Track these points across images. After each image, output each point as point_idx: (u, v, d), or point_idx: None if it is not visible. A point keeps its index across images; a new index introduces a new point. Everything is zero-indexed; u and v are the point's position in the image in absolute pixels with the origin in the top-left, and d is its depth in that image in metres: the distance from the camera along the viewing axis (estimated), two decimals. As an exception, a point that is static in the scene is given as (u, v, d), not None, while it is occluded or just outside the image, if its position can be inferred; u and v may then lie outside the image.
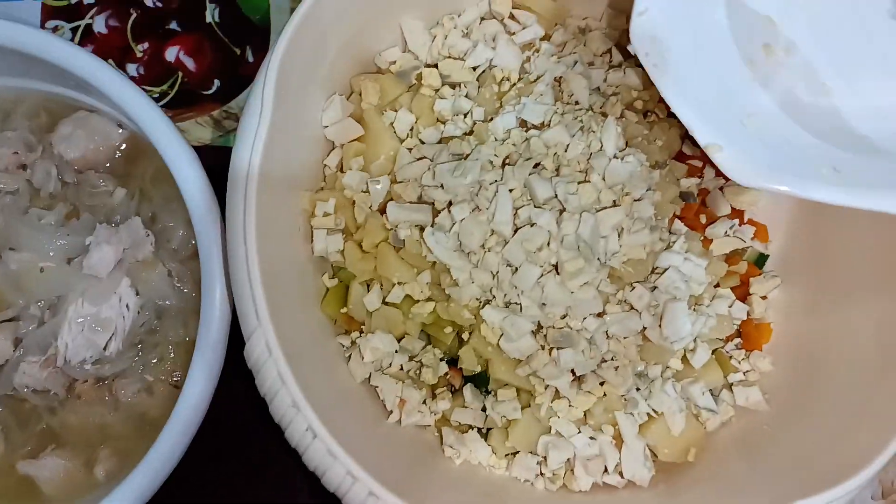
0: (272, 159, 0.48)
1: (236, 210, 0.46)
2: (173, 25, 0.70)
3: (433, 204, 0.54)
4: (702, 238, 0.60)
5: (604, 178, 0.52)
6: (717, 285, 0.60)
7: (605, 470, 0.55)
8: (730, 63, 0.46)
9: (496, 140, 0.54)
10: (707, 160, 0.64)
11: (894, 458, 0.61)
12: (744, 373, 0.60)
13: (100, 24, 0.70)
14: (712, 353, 0.58)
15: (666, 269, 0.55)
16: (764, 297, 0.62)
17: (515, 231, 0.51)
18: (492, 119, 0.55)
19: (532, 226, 0.51)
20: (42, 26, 0.69)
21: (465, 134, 0.56)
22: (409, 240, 0.54)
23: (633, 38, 0.44)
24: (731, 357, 0.61)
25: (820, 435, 0.52)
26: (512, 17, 0.61)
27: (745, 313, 0.60)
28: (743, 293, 0.62)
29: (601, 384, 0.55)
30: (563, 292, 0.51)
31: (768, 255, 0.64)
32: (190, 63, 0.70)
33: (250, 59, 0.70)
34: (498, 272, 0.52)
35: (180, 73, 0.69)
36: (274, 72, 0.47)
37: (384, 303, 0.56)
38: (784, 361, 0.60)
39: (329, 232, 0.56)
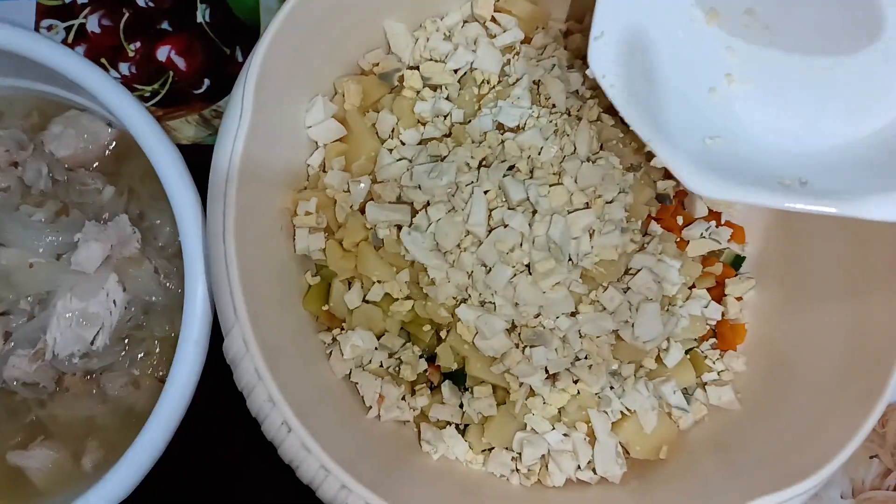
0: (252, 160, 0.49)
1: (216, 210, 0.48)
2: (165, 25, 0.71)
3: (412, 204, 0.55)
4: (678, 240, 0.62)
5: (576, 181, 0.53)
6: (693, 286, 0.61)
7: (579, 466, 0.56)
8: (689, 87, 0.47)
9: (473, 142, 0.56)
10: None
11: (865, 458, 0.63)
12: (718, 372, 0.61)
13: (93, 24, 0.71)
14: (687, 353, 0.60)
15: (639, 271, 0.56)
16: (739, 299, 0.63)
17: (490, 232, 0.53)
18: (470, 121, 0.56)
19: (505, 227, 0.52)
20: (37, 25, 0.71)
21: (444, 136, 0.57)
22: (387, 239, 0.55)
23: (590, 61, 0.45)
24: (705, 357, 0.62)
25: (788, 434, 0.53)
26: (493, 20, 0.62)
27: (720, 314, 0.62)
28: (718, 294, 0.63)
29: (575, 382, 0.56)
30: (535, 292, 0.52)
31: (745, 257, 0.65)
32: (181, 62, 0.71)
33: (240, 58, 0.71)
34: (472, 272, 0.53)
35: (171, 73, 0.71)
36: (254, 74, 0.49)
37: (364, 301, 0.57)
38: (757, 361, 0.61)
39: (311, 231, 0.57)
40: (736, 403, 0.59)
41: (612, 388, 0.57)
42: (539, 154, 0.54)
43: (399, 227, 0.55)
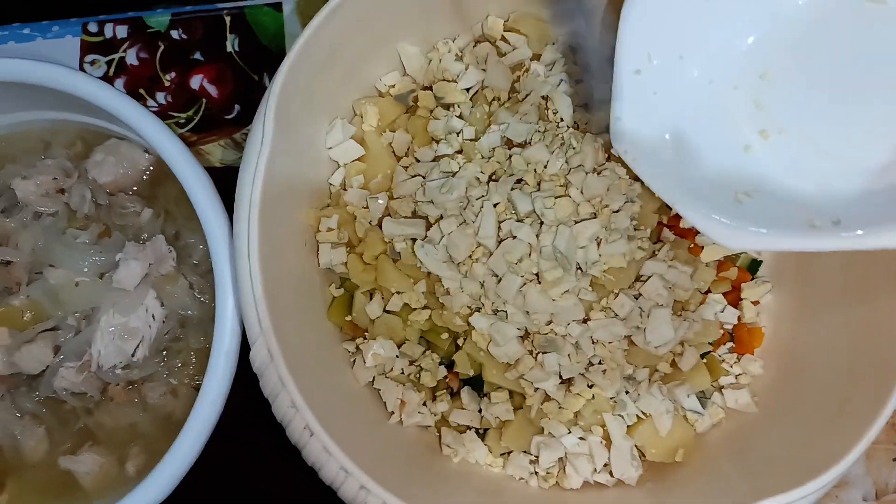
0: (274, 182, 0.53)
1: (241, 230, 0.51)
2: (197, 55, 0.76)
3: (426, 218, 0.58)
4: (691, 245, 0.63)
5: (582, 192, 0.55)
6: (708, 291, 0.62)
7: (595, 469, 0.58)
8: (722, 151, 0.48)
9: (483, 158, 0.58)
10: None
11: (888, 461, 0.62)
12: (735, 376, 0.62)
13: (132, 57, 0.76)
14: (703, 357, 0.61)
15: (650, 277, 0.57)
16: (756, 303, 0.64)
17: (499, 243, 0.55)
18: (480, 138, 0.59)
19: (513, 238, 0.54)
20: (81, 60, 0.76)
21: (456, 152, 0.60)
22: (404, 252, 0.57)
23: (613, 140, 0.47)
24: (722, 360, 0.63)
25: (801, 434, 0.54)
26: (504, 39, 0.64)
27: (736, 318, 0.62)
28: (735, 298, 0.64)
29: (590, 387, 0.58)
30: (545, 300, 0.54)
31: (761, 261, 0.65)
32: (213, 90, 0.75)
33: (267, 83, 0.75)
34: (484, 282, 0.55)
35: (204, 100, 0.75)
36: (273, 101, 0.52)
37: (385, 311, 0.60)
38: (774, 364, 0.62)
39: (333, 246, 0.60)
40: (752, 406, 0.60)
41: (626, 392, 0.58)
42: (545, 167, 0.56)
43: (414, 241, 0.57)
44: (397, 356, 0.59)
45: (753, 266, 0.65)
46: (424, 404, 0.60)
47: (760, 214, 0.46)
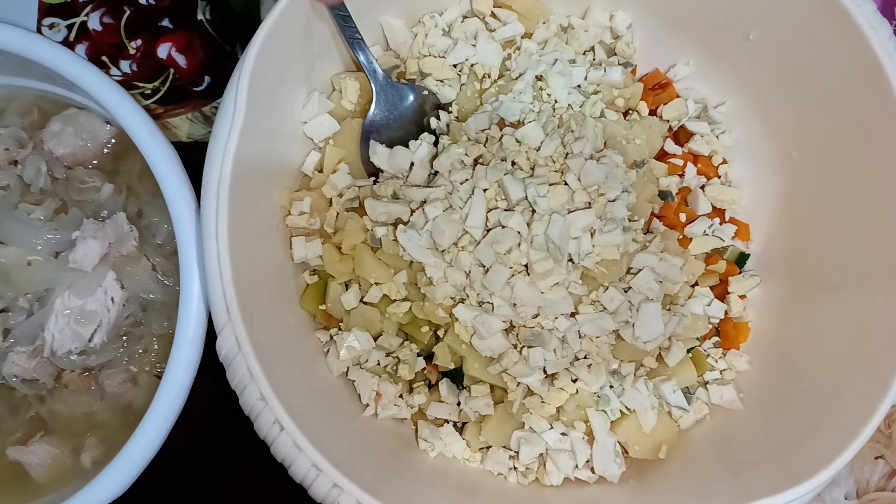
0: (246, 158, 0.49)
1: (209, 208, 0.47)
2: (165, 23, 0.71)
3: (410, 203, 0.55)
4: (680, 237, 0.61)
5: (579, 179, 0.53)
6: (696, 284, 0.60)
7: (577, 465, 0.56)
8: None
9: (469, 140, 0.55)
10: (689, 158, 0.64)
11: (871, 458, 0.61)
12: (720, 371, 0.61)
13: (94, 22, 0.71)
14: (689, 352, 0.59)
15: (640, 270, 0.55)
16: (743, 297, 0.62)
17: (487, 232, 0.52)
18: (467, 119, 0.56)
19: (503, 228, 0.51)
20: (38, 23, 0.71)
21: (443, 133, 0.57)
22: (385, 240, 0.54)
23: None
24: (708, 355, 0.61)
25: (789, 434, 0.53)
26: (493, 15, 0.61)
27: (723, 312, 0.61)
28: (722, 292, 0.62)
29: (574, 381, 0.55)
30: (534, 292, 0.52)
31: (749, 255, 0.64)
32: (181, 60, 0.71)
33: (240, 55, 0.71)
34: (470, 272, 0.52)
35: (172, 70, 0.71)
36: (247, 72, 0.48)
37: (362, 302, 0.57)
38: (761, 360, 0.60)
39: (307, 238, 0.57)
40: (738, 403, 0.58)
41: (611, 386, 0.56)
42: (538, 150, 0.53)
43: (396, 227, 0.54)
44: (373, 348, 0.57)
45: (741, 259, 0.64)
46: (401, 396, 0.57)
47: None
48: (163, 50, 0.71)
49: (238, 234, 0.48)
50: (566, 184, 0.52)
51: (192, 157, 0.54)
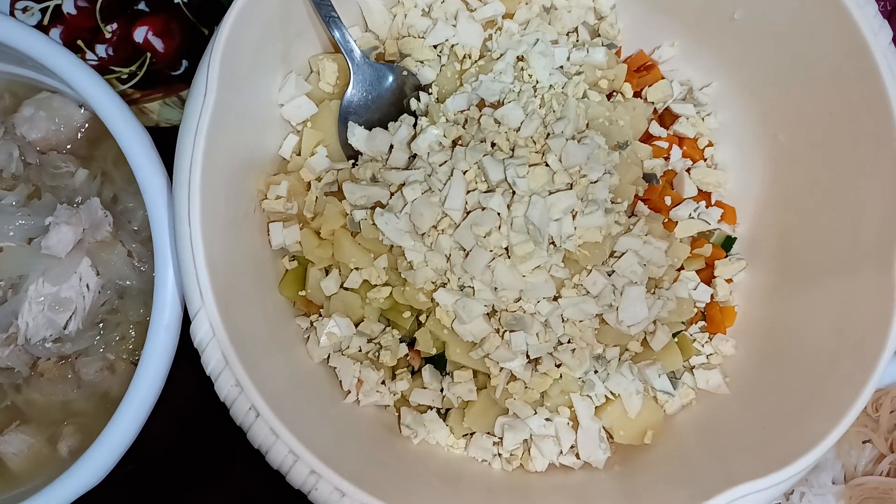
0: (219, 141, 0.48)
1: (181, 192, 0.46)
2: (142, 6, 0.70)
3: (389, 187, 0.54)
4: (665, 220, 0.60)
5: (560, 160, 0.52)
6: (681, 268, 0.60)
7: (561, 451, 0.55)
8: None
9: (448, 121, 0.54)
10: (674, 141, 0.63)
11: (858, 443, 0.61)
12: (706, 356, 0.60)
13: (69, 5, 0.70)
14: (674, 336, 0.58)
15: (624, 254, 0.54)
16: (729, 281, 0.62)
17: (467, 214, 0.51)
18: (446, 100, 0.55)
19: (483, 210, 0.50)
20: (12, 7, 0.69)
21: (422, 114, 0.55)
22: (364, 224, 0.53)
23: None
24: (694, 340, 0.60)
25: (775, 419, 0.52)
26: (474, -5, 0.60)
27: (709, 296, 0.60)
28: (708, 276, 0.62)
29: (557, 366, 0.55)
30: (514, 276, 0.51)
31: (735, 238, 0.63)
32: (158, 44, 0.69)
33: (219, 38, 0.70)
34: (450, 255, 0.52)
35: (149, 54, 0.69)
36: (219, 51, 0.47)
37: (343, 287, 0.56)
38: (747, 345, 0.60)
39: (285, 224, 0.56)
40: (724, 387, 0.58)
41: (595, 371, 0.56)
42: (518, 131, 0.52)
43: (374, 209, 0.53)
44: (355, 334, 0.56)
45: (727, 243, 0.63)
46: (383, 383, 0.57)
47: None
48: (139, 34, 0.69)
49: (212, 218, 0.47)
50: (547, 165, 0.51)
51: (169, 142, 0.52)
